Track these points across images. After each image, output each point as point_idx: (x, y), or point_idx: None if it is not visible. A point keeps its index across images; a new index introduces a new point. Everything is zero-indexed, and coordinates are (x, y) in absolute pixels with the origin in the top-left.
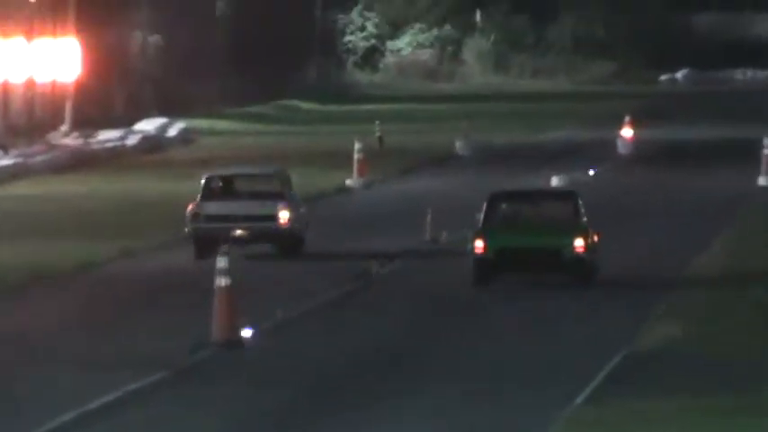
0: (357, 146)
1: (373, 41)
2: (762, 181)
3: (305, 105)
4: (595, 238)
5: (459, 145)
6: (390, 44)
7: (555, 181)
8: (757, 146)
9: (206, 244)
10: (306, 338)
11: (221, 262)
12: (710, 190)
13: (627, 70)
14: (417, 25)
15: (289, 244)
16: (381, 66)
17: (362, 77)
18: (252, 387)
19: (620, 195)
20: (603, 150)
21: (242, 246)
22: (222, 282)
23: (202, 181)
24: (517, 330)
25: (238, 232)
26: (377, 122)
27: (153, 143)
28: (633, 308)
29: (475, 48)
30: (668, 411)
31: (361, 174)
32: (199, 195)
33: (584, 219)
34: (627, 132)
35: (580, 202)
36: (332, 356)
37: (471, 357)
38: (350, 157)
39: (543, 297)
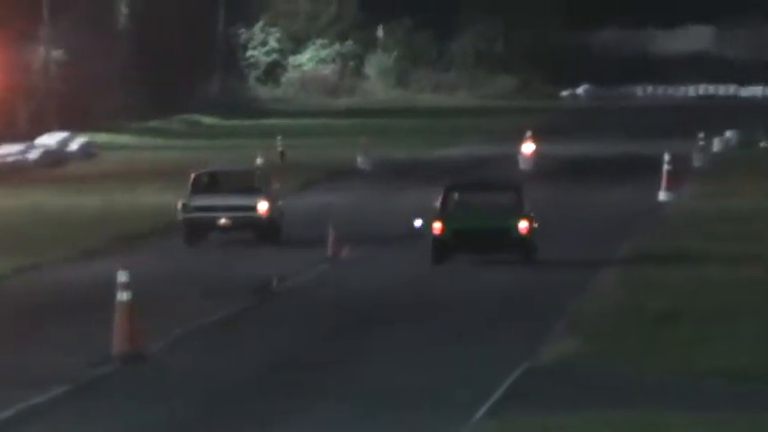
0: (259, 160)
1: (275, 56)
2: (662, 196)
3: (207, 120)
4: (535, 224)
5: (360, 160)
6: (292, 59)
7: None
8: (657, 161)
9: (194, 231)
10: (206, 353)
11: (122, 276)
12: (612, 205)
13: (528, 85)
14: (319, 41)
15: (267, 232)
16: (283, 80)
17: (265, 92)
18: (150, 402)
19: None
20: (505, 166)
21: (226, 233)
22: (123, 296)
23: (192, 176)
24: (418, 348)
25: (222, 221)
26: (279, 137)
27: (54, 157)
28: (534, 322)
29: (377, 63)
30: (572, 425)
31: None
32: (189, 189)
33: (526, 206)
34: (528, 148)
35: (523, 192)
36: (229, 371)
37: (367, 375)
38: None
39: (445, 317)
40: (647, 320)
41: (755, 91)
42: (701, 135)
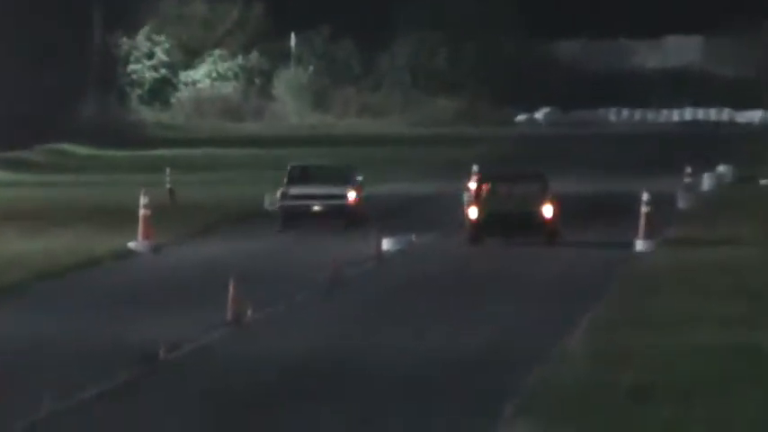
0: (143, 200)
1: (163, 72)
2: (639, 245)
3: (79, 150)
4: (557, 210)
5: (268, 199)
6: (184, 75)
7: (387, 244)
8: (635, 203)
9: (291, 218)
10: None
11: None
12: (578, 256)
13: (476, 109)
14: (217, 52)
15: (355, 219)
16: (173, 101)
17: (150, 115)
18: None
19: (467, 264)
20: (446, 207)
21: (319, 220)
22: None
23: (288, 168)
24: None
25: (316, 208)
26: (167, 171)
27: None
28: (483, 401)
29: (288, 80)
30: None
31: (147, 235)
32: (285, 180)
33: (550, 194)
34: (475, 185)
35: (547, 181)
36: None
37: None
38: (134, 213)
39: (376, 402)
40: (618, 398)
41: (753, 116)
42: (688, 170)
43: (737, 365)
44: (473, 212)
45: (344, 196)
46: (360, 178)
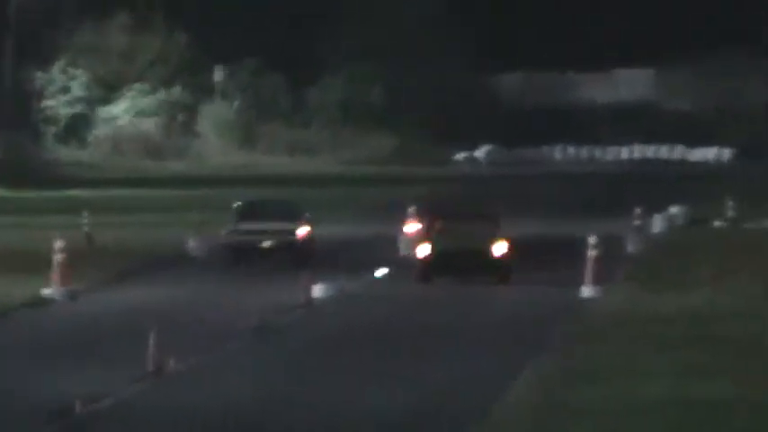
0: (58, 244)
1: (80, 107)
2: (586, 291)
3: None
4: (510, 248)
5: (191, 243)
6: (103, 111)
7: (319, 291)
8: (580, 246)
9: (240, 254)
10: None
11: None
12: (522, 303)
13: (411, 147)
14: (137, 86)
15: (305, 255)
16: (91, 139)
17: (66, 154)
18: None
19: (403, 311)
20: (381, 251)
21: (268, 255)
22: None
23: (235, 206)
24: None
25: (265, 243)
26: (84, 213)
27: None
28: None
29: (213, 116)
30: None
31: (63, 281)
32: (234, 216)
33: (501, 232)
34: (411, 228)
35: (499, 219)
36: None
37: None
38: (48, 259)
39: None
40: None
41: (707, 153)
42: (638, 211)
43: (690, 421)
44: (422, 250)
45: (294, 232)
46: (308, 215)
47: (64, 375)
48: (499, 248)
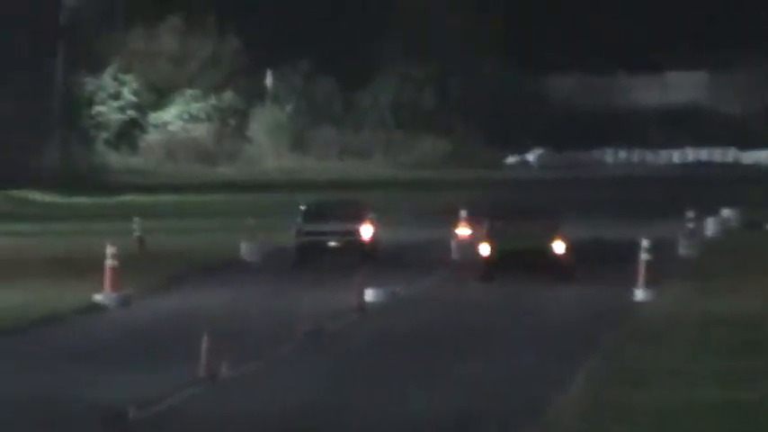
0: (110, 250)
1: (131, 113)
2: (639, 295)
3: (42, 197)
4: (570, 246)
5: (245, 248)
6: (154, 117)
7: (370, 296)
8: (634, 250)
9: (307, 254)
10: None
11: None
12: (575, 306)
13: (463, 151)
14: (189, 92)
15: (370, 254)
16: (142, 145)
17: (117, 160)
18: None
19: (457, 313)
20: (435, 254)
21: (333, 255)
22: None
23: (302, 207)
24: None
25: (332, 244)
26: (136, 219)
27: None
28: None
29: (265, 120)
30: None
31: (114, 287)
32: (300, 219)
33: (562, 230)
34: (464, 232)
35: (559, 220)
36: None
37: None
38: (100, 264)
39: None
40: None
41: (760, 156)
42: (691, 215)
43: (737, 425)
44: (484, 249)
45: (359, 232)
46: (374, 215)
47: (117, 381)
48: (559, 247)
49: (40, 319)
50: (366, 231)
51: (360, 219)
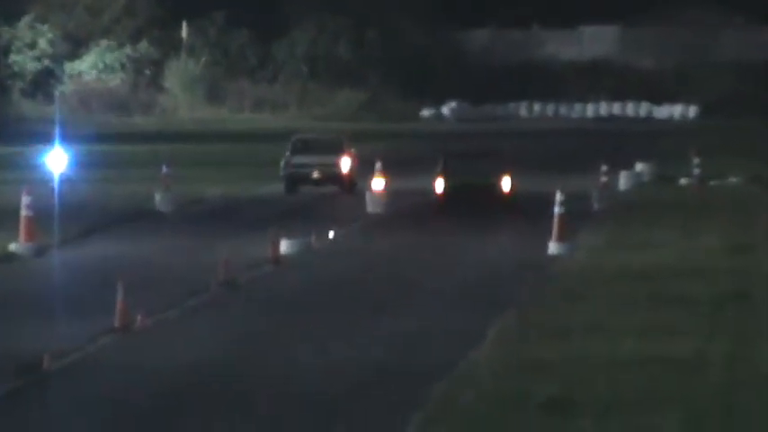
0: (25, 199)
1: (47, 63)
2: (553, 248)
3: None
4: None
5: (158, 198)
6: (69, 67)
7: (285, 246)
8: (547, 203)
9: (294, 184)
10: None
11: None
12: (486, 260)
13: (379, 102)
14: (104, 42)
15: (346, 185)
16: (57, 94)
17: (33, 110)
18: None
19: (367, 266)
20: (348, 207)
21: (316, 185)
22: None
23: (292, 140)
24: None
25: (315, 175)
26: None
27: None
28: (390, 415)
29: (180, 72)
30: None
31: (29, 237)
32: (288, 151)
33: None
34: (378, 184)
35: (506, 159)
36: None
37: None
38: (15, 214)
39: (268, 420)
40: (531, 412)
41: (673, 111)
42: (604, 168)
43: (656, 378)
44: (439, 185)
45: (338, 165)
46: (353, 150)
47: (31, 331)
48: (506, 184)
49: None
50: (345, 164)
51: (339, 152)
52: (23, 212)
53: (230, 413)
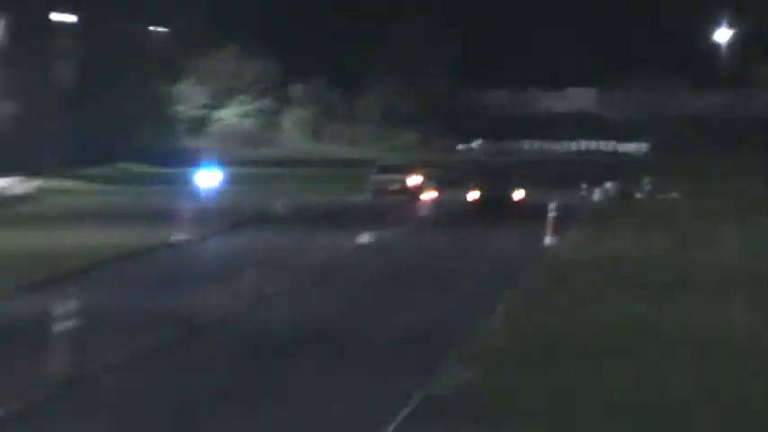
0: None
1: (202, 112)
2: (547, 241)
3: (138, 168)
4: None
5: (279, 205)
6: (216, 114)
7: (365, 238)
8: (544, 209)
9: (377, 194)
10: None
11: None
12: (502, 247)
13: (428, 140)
14: (241, 97)
15: (413, 195)
16: (208, 133)
17: (190, 143)
18: None
19: (421, 252)
20: (412, 210)
21: (392, 195)
22: None
23: (377, 165)
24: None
25: (392, 187)
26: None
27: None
28: (436, 354)
29: (293, 117)
30: None
31: (193, 229)
32: (374, 172)
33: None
34: (430, 195)
35: (518, 177)
36: None
37: None
38: (172, 213)
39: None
40: (534, 357)
41: (631, 147)
42: (584, 186)
43: (622, 336)
44: (474, 195)
45: (406, 181)
46: (422, 171)
47: (193, 294)
48: (518, 194)
49: (137, 250)
50: (412, 181)
51: (408, 173)
52: (186, 213)
53: (355, 346)
